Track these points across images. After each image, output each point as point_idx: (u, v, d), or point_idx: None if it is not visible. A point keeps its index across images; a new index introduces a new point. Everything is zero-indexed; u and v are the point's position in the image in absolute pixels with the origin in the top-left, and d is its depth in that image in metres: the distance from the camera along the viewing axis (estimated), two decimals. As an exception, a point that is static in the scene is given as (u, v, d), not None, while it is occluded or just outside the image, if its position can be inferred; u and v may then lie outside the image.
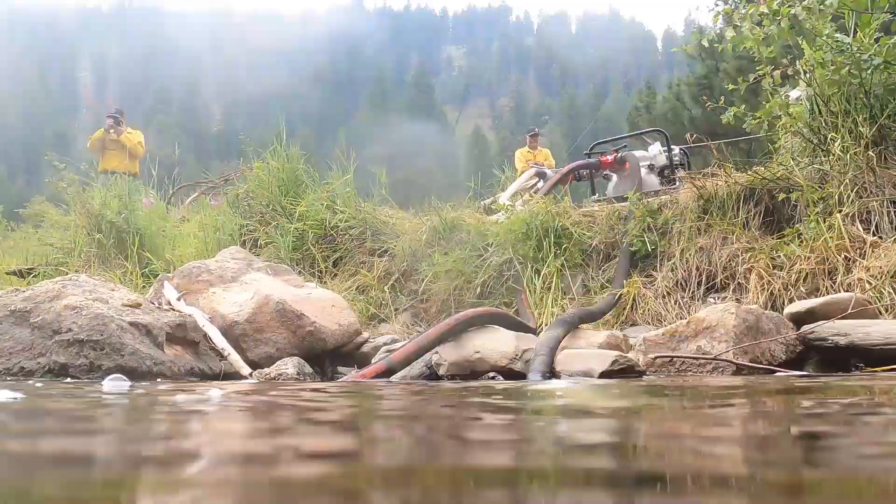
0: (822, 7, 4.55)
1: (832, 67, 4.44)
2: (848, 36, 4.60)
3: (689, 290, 4.65)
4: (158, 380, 3.27)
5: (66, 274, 4.52)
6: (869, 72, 4.36)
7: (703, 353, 3.12)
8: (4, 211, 10.31)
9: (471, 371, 3.61)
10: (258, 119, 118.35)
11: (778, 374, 2.98)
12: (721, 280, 4.57)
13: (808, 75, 4.68)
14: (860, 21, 4.56)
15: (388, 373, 3.43)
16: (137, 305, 3.69)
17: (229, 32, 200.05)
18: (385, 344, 4.49)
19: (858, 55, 4.36)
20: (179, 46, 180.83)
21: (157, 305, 4.09)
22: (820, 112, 4.64)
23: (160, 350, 3.51)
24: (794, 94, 5.09)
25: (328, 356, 4.55)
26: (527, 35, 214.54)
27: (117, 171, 9.61)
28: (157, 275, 5.48)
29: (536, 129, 13.56)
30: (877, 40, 4.42)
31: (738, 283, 4.47)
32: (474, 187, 7.46)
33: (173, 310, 4.12)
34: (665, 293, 4.68)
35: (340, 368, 4.51)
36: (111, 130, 10.59)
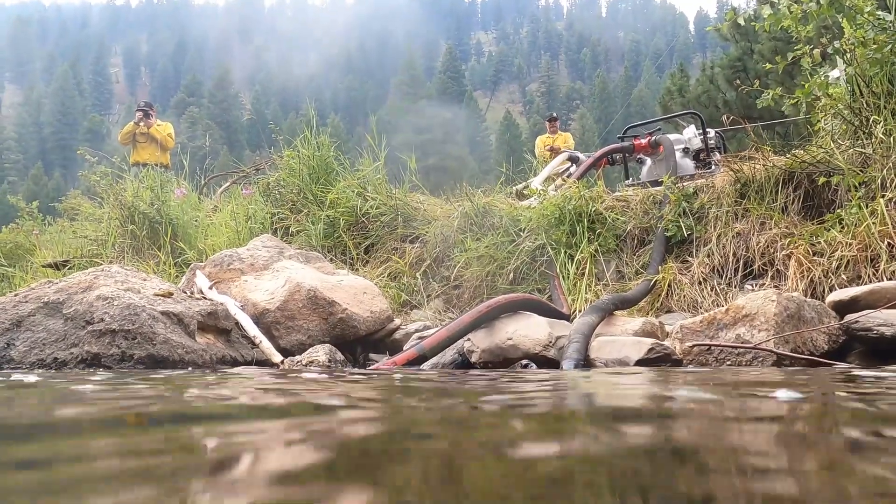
0: (863, -17, 4.41)
1: (874, 46, 4.30)
2: (890, 13, 4.45)
3: (726, 276, 4.55)
4: (189, 368, 3.28)
5: (101, 265, 4.55)
6: (913, 50, 4.21)
7: (742, 342, 3.03)
8: (41, 205, 10.45)
9: (503, 358, 3.57)
10: (288, 107, 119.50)
11: (830, 365, 2.89)
12: (759, 266, 4.46)
13: (848, 54, 4.54)
14: (903, -3, 4.40)
15: (419, 360, 3.40)
16: (169, 295, 3.70)
17: (258, 21, 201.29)
18: (417, 331, 4.46)
19: (902, 33, 4.21)
20: (208, 37, 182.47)
21: (188, 294, 4.10)
22: (861, 93, 4.49)
23: (192, 338, 3.52)
24: (833, 74, 4.95)
25: (360, 343, 4.53)
26: (556, 19, 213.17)
27: (149, 162, 9.70)
28: (190, 264, 5.51)
29: (555, 114, 14.03)
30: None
31: (777, 269, 4.35)
32: (506, 172, 7.40)
33: (205, 298, 4.13)
34: (701, 279, 4.59)
35: (372, 355, 4.50)
36: (141, 123, 10.67)
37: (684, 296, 4.53)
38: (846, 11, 4.46)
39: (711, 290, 4.52)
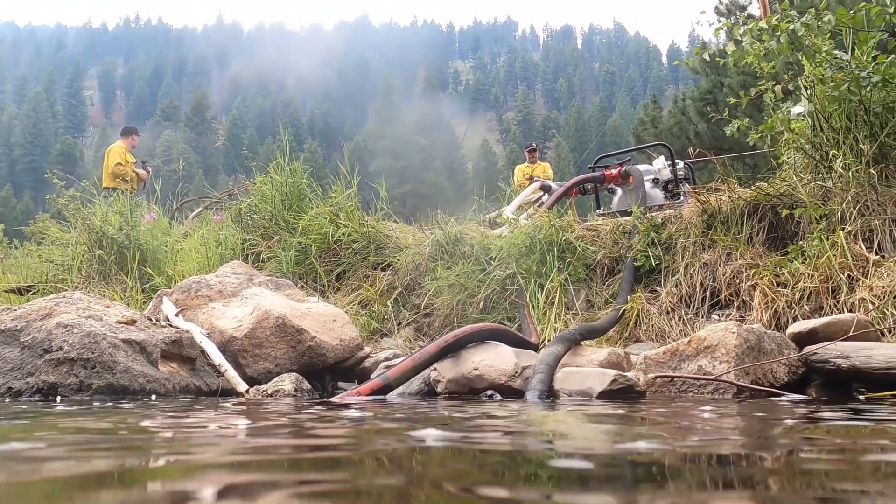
0: (820, 24, 4.53)
1: (832, 84, 4.41)
2: (847, 53, 4.57)
3: (694, 306, 4.60)
4: (153, 397, 3.24)
5: (66, 291, 4.49)
6: (868, 89, 4.32)
7: (704, 374, 3.06)
8: (7, 229, 10.27)
9: (469, 388, 3.56)
10: (265, 133, 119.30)
11: (782, 398, 2.92)
12: (725, 296, 4.52)
13: (808, 91, 4.65)
14: (858, 39, 4.52)
15: (384, 390, 3.38)
16: (132, 322, 3.66)
17: (237, 47, 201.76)
18: (387, 359, 4.45)
19: (857, 72, 4.32)
20: (186, 62, 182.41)
21: (153, 322, 4.05)
22: (821, 128, 4.59)
23: (154, 367, 3.47)
24: (796, 109, 5.06)
25: (328, 371, 4.50)
26: (533, 49, 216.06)
27: (118, 188, 9.55)
28: (158, 290, 5.46)
29: (534, 144, 14.03)
30: (874, 59, 4.38)
31: (743, 300, 4.42)
32: (479, 200, 7.44)
33: (170, 326, 4.09)
34: (669, 309, 4.63)
35: (341, 384, 4.47)
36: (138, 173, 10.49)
37: (652, 325, 4.57)
38: (806, 50, 4.57)
39: (679, 320, 4.57)
